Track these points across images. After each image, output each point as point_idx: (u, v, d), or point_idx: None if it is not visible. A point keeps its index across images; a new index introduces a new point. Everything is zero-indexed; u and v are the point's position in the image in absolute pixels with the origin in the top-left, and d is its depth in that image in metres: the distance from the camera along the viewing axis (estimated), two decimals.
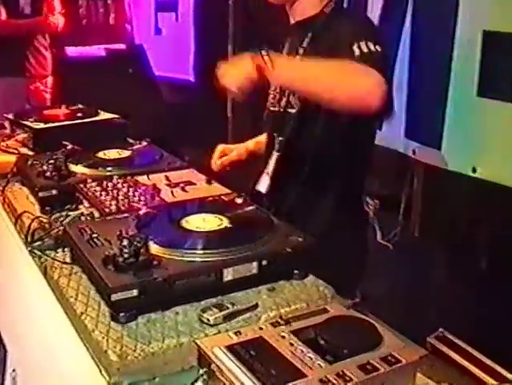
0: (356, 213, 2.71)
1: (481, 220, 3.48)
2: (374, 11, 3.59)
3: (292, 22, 2.60)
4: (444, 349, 1.53)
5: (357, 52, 2.17)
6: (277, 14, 2.68)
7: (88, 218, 2.10)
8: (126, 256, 1.62)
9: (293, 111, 2.52)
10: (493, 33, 2.83)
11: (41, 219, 2.13)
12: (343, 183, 2.55)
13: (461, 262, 3.52)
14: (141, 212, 1.96)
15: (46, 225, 2.09)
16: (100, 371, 1.43)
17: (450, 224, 3.63)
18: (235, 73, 2.23)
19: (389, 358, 1.35)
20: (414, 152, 3.43)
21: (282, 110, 2.57)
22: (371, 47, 2.18)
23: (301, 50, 2.49)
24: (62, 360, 1.64)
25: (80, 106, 3.33)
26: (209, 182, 2.39)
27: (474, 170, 3.02)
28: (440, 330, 1.59)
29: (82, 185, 2.30)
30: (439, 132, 3.20)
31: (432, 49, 3.25)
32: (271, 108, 2.65)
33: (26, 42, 5.27)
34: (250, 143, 2.90)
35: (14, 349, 1.97)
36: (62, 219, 2.12)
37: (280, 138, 2.55)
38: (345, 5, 3.81)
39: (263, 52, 2.19)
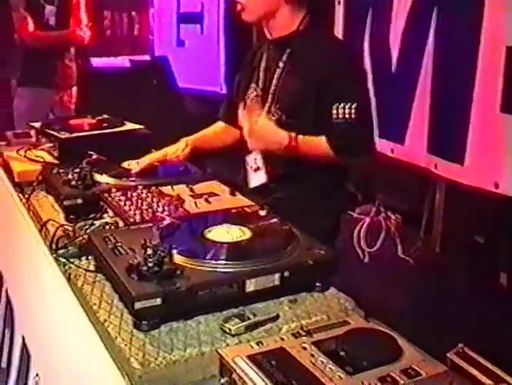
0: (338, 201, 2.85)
1: (502, 236, 3.47)
2: (398, 26, 3.60)
3: (269, 37, 2.75)
4: (464, 365, 1.52)
5: (334, 116, 2.51)
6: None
7: (112, 227, 2.13)
8: (150, 265, 1.64)
9: (273, 118, 2.64)
10: None
11: (65, 227, 2.16)
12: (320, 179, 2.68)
13: (481, 278, 3.51)
14: (165, 222, 1.98)
15: (71, 233, 2.12)
16: (123, 378, 1.44)
17: (471, 239, 3.61)
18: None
19: (409, 370, 1.36)
20: (436, 167, 3.42)
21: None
22: (347, 115, 2.50)
23: (281, 64, 2.66)
24: (85, 366, 1.66)
25: (106, 116, 3.36)
26: (232, 194, 2.41)
27: (497, 186, 3.01)
28: (460, 345, 1.58)
29: (106, 195, 2.33)
30: (462, 148, 3.19)
31: (455, 65, 3.25)
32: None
33: (53, 53, 5.31)
34: (194, 140, 2.97)
35: (37, 354, 1.99)
36: (86, 227, 2.14)
37: None
38: (368, 19, 3.83)
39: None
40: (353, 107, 2.49)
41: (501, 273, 3.45)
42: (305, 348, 1.44)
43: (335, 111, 2.50)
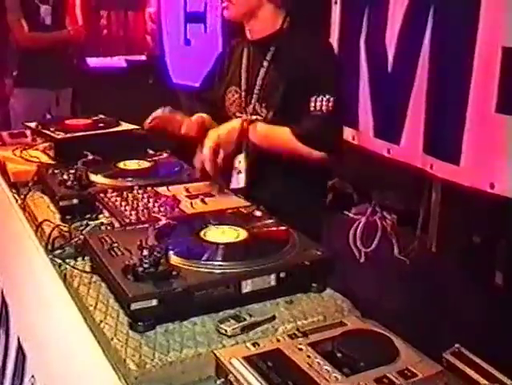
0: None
1: (498, 236, 3.47)
2: (394, 25, 3.60)
3: (250, 38, 2.76)
4: (460, 365, 1.53)
5: (312, 108, 2.54)
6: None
7: (108, 228, 2.13)
8: (146, 266, 1.64)
9: (260, 118, 2.68)
10: None
11: (61, 228, 2.16)
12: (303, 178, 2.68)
13: (477, 277, 3.51)
14: (161, 223, 1.98)
15: (67, 234, 2.12)
16: (119, 380, 1.44)
17: (467, 239, 3.62)
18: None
19: (406, 372, 1.36)
20: (432, 167, 3.42)
21: (248, 115, 2.71)
22: (324, 106, 2.53)
23: (265, 63, 2.67)
24: (81, 367, 1.65)
25: (101, 116, 3.35)
26: (221, 190, 2.42)
27: (492, 186, 3.01)
28: (456, 345, 1.58)
29: (102, 195, 2.33)
30: (457, 148, 3.19)
31: (451, 65, 3.25)
32: (237, 114, 2.78)
33: (48, 53, 5.29)
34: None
35: (33, 355, 1.98)
36: (82, 228, 2.15)
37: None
38: (365, 19, 3.83)
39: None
40: (330, 100, 2.53)
41: (497, 273, 3.45)
42: (301, 349, 1.44)
43: (312, 104, 2.54)
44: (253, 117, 2.65)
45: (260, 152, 2.63)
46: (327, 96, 2.53)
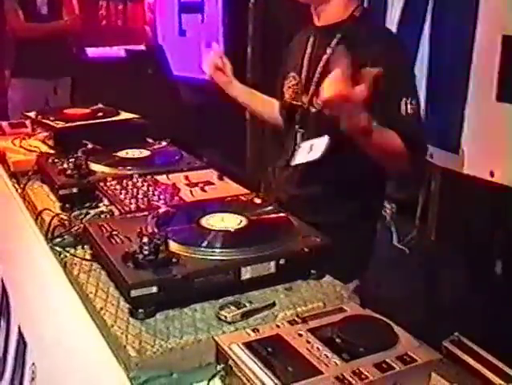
0: (372, 216, 2.75)
1: (497, 225, 3.48)
2: (393, 15, 3.60)
3: (317, 23, 2.61)
4: (459, 353, 1.53)
5: (403, 111, 2.32)
6: (298, 15, 2.71)
7: (108, 216, 2.13)
8: (145, 253, 1.64)
9: (315, 110, 2.54)
10: None
11: (61, 216, 2.16)
12: (360, 186, 2.55)
13: (476, 266, 3.52)
14: (161, 211, 1.98)
15: (66, 223, 2.12)
16: (120, 366, 1.44)
17: (467, 228, 3.62)
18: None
19: (405, 357, 1.37)
20: (432, 156, 3.43)
21: (305, 106, 2.59)
22: (410, 109, 2.33)
23: (328, 50, 2.51)
24: (82, 355, 1.66)
25: (101, 105, 3.35)
26: (220, 178, 2.42)
27: (492, 174, 3.01)
28: (456, 334, 1.59)
29: (102, 184, 2.33)
30: (457, 136, 3.20)
31: (451, 53, 3.25)
32: (293, 102, 2.67)
33: (46, 43, 5.28)
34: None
35: (33, 343, 1.99)
36: (82, 217, 2.15)
37: (301, 130, 2.60)
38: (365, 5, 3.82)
39: None
40: (413, 102, 2.36)
41: (496, 262, 3.46)
42: (301, 335, 1.45)
43: (403, 107, 2.33)
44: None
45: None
46: (410, 99, 2.35)
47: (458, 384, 1.38)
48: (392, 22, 3.59)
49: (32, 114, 3.30)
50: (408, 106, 2.33)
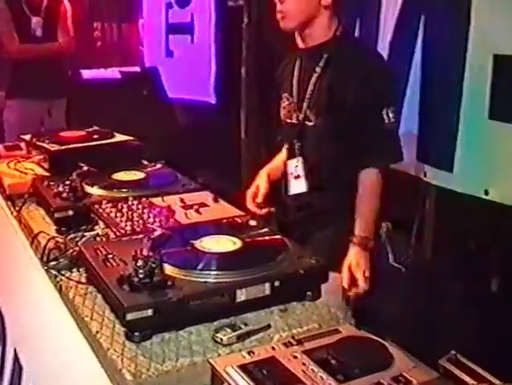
0: None
1: (493, 243, 3.48)
2: (386, 35, 3.62)
3: (302, 46, 2.75)
4: (457, 371, 1.53)
5: (386, 120, 2.57)
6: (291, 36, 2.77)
7: (103, 239, 2.13)
8: (141, 276, 1.65)
9: (310, 124, 2.68)
10: (503, 56, 2.85)
11: (57, 239, 2.17)
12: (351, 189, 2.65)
13: (472, 284, 3.52)
14: (156, 234, 1.98)
15: (62, 245, 2.12)
16: None
17: (462, 245, 3.62)
18: None
19: (400, 378, 1.37)
20: (425, 175, 3.44)
21: (300, 122, 2.73)
22: (392, 118, 2.58)
23: (317, 69, 2.66)
24: (78, 378, 1.66)
25: (96, 128, 3.36)
26: (215, 200, 2.43)
27: (487, 192, 3.02)
28: (453, 352, 1.59)
29: (97, 206, 2.34)
30: (451, 155, 3.21)
31: (443, 72, 3.26)
32: (288, 120, 2.81)
33: (41, 65, 5.28)
34: (268, 174, 3.00)
35: (29, 366, 1.99)
36: (77, 239, 2.15)
37: (299, 144, 2.74)
38: (356, 29, 3.84)
39: None
40: (393, 110, 2.59)
41: (493, 280, 3.46)
42: (296, 357, 1.45)
43: (385, 116, 2.56)
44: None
45: (319, 156, 2.70)
46: (391, 107, 2.58)
47: None
48: (385, 44, 3.61)
49: (27, 137, 3.31)
50: (390, 115, 2.57)
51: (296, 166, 2.73)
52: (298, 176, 2.72)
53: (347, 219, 2.61)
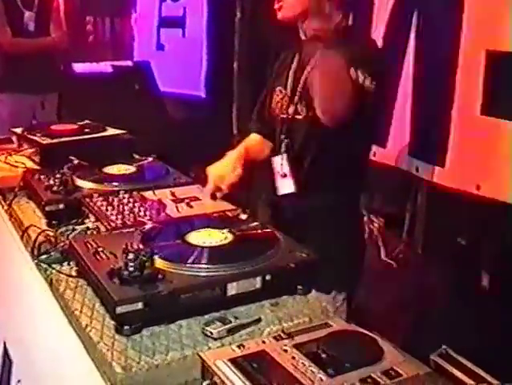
0: (354, 228, 2.78)
1: (483, 238, 3.49)
2: (379, 29, 3.62)
3: (303, 38, 2.64)
4: (447, 366, 1.54)
5: (354, 77, 2.36)
6: (284, 29, 2.73)
7: (94, 232, 2.13)
8: (131, 269, 1.64)
9: (300, 117, 2.62)
10: (495, 52, 2.86)
11: (47, 233, 2.16)
12: (340, 188, 2.61)
13: (463, 279, 3.53)
14: (147, 227, 1.98)
15: (53, 239, 2.11)
16: (106, 383, 1.44)
17: (454, 241, 3.63)
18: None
19: (390, 371, 1.37)
20: (418, 170, 3.44)
21: (290, 116, 2.66)
22: (367, 82, 2.38)
23: (312, 61, 2.56)
24: (68, 371, 1.65)
25: (87, 121, 3.35)
26: (213, 197, 2.42)
27: (478, 188, 3.03)
28: (443, 347, 1.60)
29: (88, 200, 2.33)
30: (443, 150, 3.21)
31: (436, 68, 3.27)
32: (278, 114, 2.73)
33: (33, 59, 5.27)
34: (241, 157, 2.78)
35: (19, 360, 1.98)
36: (68, 233, 2.14)
37: (286, 140, 2.67)
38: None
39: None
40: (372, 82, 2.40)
41: (483, 275, 3.47)
42: (286, 351, 1.45)
43: (353, 73, 2.38)
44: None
45: (306, 151, 2.62)
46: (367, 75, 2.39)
47: None
48: (377, 39, 3.61)
49: (19, 130, 3.30)
50: (359, 75, 2.37)
51: (281, 164, 2.67)
52: (284, 175, 2.66)
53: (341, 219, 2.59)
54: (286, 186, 2.66)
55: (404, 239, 4.03)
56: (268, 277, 1.76)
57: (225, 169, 2.60)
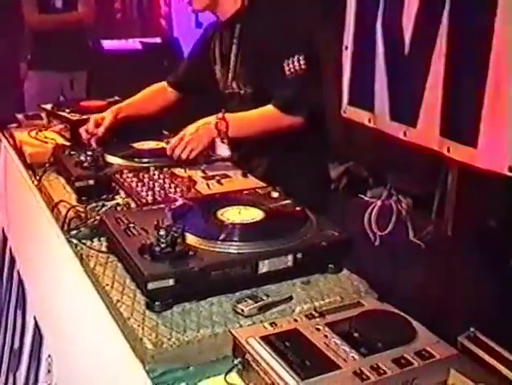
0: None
1: None
2: (411, 7, 3.57)
3: (221, 20, 2.89)
4: (475, 349, 1.52)
5: (287, 72, 2.62)
6: None
7: (124, 208, 2.13)
8: (162, 245, 1.64)
9: (242, 91, 2.84)
10: None
11: (77, 208, 2.16)
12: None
13: (493, 262, 3.49)
14: (177, 203, 1.97)
15: (83, 215, 2.11)
16: (136, 359, 1.44)
17: (484, 223, 3.60)
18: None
19: (423, 352, 1.36)
20: (449, 150, 3.40)
21: (234, 91, 2.88)
22: (297, 67, 2.62)
23: (234, 41, 2.80)
24: (98, 347, 1.66)
25: (117, 98, 3.35)
26: (244, 175, 2.41)
27: (510, 169, 2.99)
28: (471, 329, 1.58)
29: (118, 176, 2.33)
30: (475, 131, 3.17)
31: (468, 47, 3.22)
32: (226, 91, 2.93)
33: (62, 36, 5.27)
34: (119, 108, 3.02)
35: (49, 335, 2.00)
36: (98, 209, 2.14)
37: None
38: (381, 1, 3.80)
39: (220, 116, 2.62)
40: (301, 58, 2.61)
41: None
42: (318, 329, 1.44)
43: (286, 67, 2.62)
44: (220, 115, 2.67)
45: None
46: (297, 56, 2.61)
47: (475, 381, 1.36)
48: (410, 17, 3.57)
49: (48, 106, 3.31)
50: (291, 65, 2.62)
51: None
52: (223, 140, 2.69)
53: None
54: (223, 151, 2.72)
55: (432, 220, 3.99)
56: (299, 256, 1.74)
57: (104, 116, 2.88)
